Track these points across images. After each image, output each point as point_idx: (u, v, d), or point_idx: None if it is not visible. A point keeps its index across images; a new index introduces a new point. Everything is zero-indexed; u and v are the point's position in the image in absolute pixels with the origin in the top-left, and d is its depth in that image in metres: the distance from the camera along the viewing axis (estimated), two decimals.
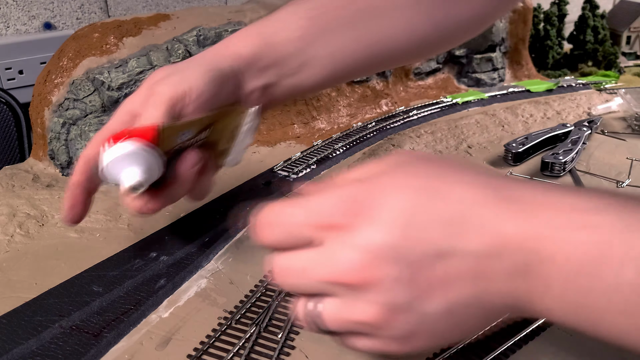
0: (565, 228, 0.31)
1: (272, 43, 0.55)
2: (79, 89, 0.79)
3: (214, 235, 0.63)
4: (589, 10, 1.29)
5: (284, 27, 0.55)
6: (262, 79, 0.56)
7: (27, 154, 1.04)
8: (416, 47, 0.60)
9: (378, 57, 0.59)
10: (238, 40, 0.55)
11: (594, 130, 0.88)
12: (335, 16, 0.56)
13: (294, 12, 0.56)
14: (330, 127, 0.95)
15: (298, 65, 0.56)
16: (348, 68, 0.59)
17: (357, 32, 0.56)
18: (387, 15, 0.56)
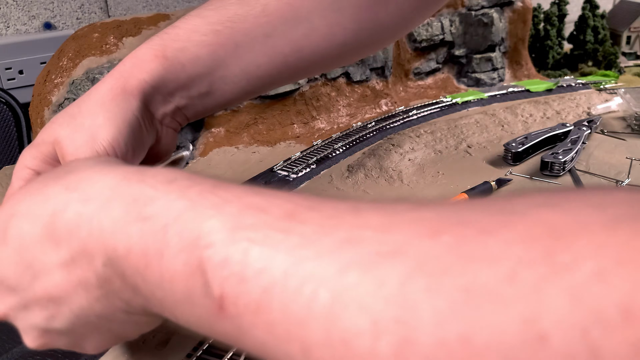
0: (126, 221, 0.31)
1: (180, 62, 0.49)
2: (79, 89, 0.79)
3: None
4: (589, 10, 1.29)
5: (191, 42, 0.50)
6: (171, 103, 0.51)
7: None
8: (337, 54, 0.57)
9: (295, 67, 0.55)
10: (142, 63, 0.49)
11: (593, 130, 0.88)
12: (248, 27, 0.50)
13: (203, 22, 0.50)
14: (330, 127, 0.95)
15: (208, 85, 0.52)
16: (263, 82, 0.55)
17: (272, 43, 0.51)
18: (306, 22, 0.52)
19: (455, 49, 1.13)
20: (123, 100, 0.47)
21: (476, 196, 0.70)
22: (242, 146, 0.88)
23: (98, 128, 0.45)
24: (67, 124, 0.46)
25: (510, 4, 1.13)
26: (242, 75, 0.52)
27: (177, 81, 0.50)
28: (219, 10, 0.51)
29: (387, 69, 1.02)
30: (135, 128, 0.47)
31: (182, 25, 0.50)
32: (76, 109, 0.47)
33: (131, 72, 0.48)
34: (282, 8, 0.51)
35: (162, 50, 0.49)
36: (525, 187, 0.74)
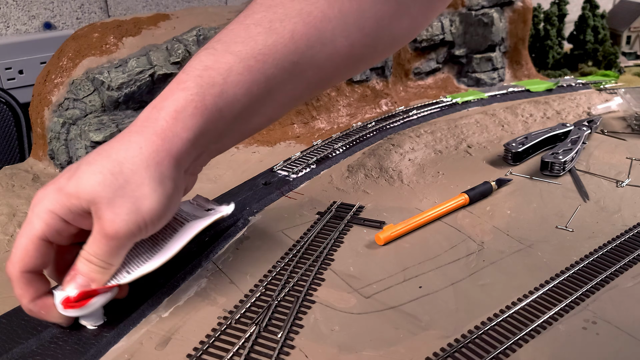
0: None
1: (219, 110, 0.48)
2: (79, 88, 0.79)
3: (214, 235, 0.63)
4: (589, 10, 1.29)
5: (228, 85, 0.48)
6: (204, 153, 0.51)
7: (27, 154, 1.04)
8: (353, 68, 0.57)
9: (315, 85, 0.55)
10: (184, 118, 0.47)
11: (593, 130, 0.88)
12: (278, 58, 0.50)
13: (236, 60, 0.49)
14: (330, 127, 0.95)
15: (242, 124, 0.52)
16: (285, 107, 0.55)
17: (299, 69, 0.51)
18: (331, 44, 0.51)
19: (456, 48, 1.13)
20: (168, 168, 0.47)
21: (476, 196, 0.70)
22: (242, 146, 0.87)
23: (143, 199, 0.46)
24: (108, 184, 0.45)
25: (510, 4, 1.13)
26: (270, 104, 0.52)
27: (215, 130, 0.49)
28: (247, 43, 0.49)
29: (387, 69, 1.02)
30: (174, 197, 0.48)
31: (214, 66, 0.49)
32: (117, 168, 0.46)
33: (175, 131, 0.47)
34: (309, 32, 0.50)
35: (202, 99, 0.47)
36: (526, 187, 0.74)
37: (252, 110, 0.51)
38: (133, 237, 0.47)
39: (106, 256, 0.47)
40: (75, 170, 0.47)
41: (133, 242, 0.48)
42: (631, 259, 0.58)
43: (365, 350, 0.47)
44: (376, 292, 0.55)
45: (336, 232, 0.64)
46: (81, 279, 0.47)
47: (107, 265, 0.47)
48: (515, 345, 0.47)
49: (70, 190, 0.45)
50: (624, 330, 0.48)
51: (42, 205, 0.46)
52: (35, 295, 0.47)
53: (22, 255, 0.46)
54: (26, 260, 0.46)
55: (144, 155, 0.46)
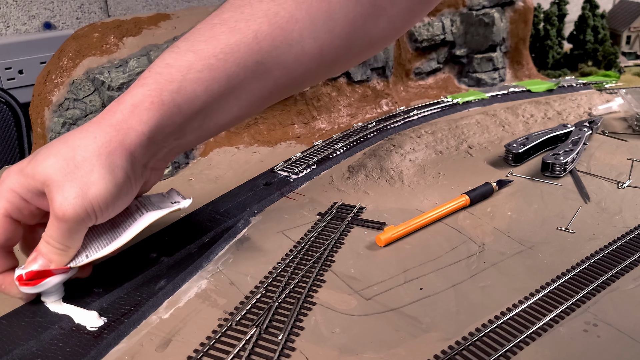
0: None
1: (176, 105, 0.49)
2: (79, 88, 0.79)
3: (214, 236, 0.63)
4: (589, 10, 1.29)
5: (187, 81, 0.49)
6: (164, 148, 0.52)
7: (27, 154, 1.04)
8: (326, 71, 0.57)
9: (285, 87, 0.55)
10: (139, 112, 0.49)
11: (594, 131, 0.88)
12: (240, 57, 0.50)
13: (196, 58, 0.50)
14: (331, 127, 0.95)
15: (202, 120, 0.52)
16: (253, 106, 0.55)
17: (264, 69, 0.51)
18: (298, 45, 0.51)
19: (456, 48, 1.13)
20: (119, 157, 0.48)
21: (477, 197, 0.70)
22: (242, 146, 0.87)
23: (90, 185, 0.47)
24: (59, 169, 0.47)
25: (511, 4, 1.13)
26: (235, 102, 0.52)
27: (173, 125, 0.50)
28: (210, 41, 0.50)
29: (387, 68, 1.02)
30: (124, 186, 0.49)
31: (175, 63, 0.50)
32: (71, 153, 0.48)
33: (130, 123, 0.49)
34: (274, 33, 0.50)
35: (159, 95, 0.49)
36: (527, 188, 0.74)
37: (214, 108, 0.52)
38: (82, 222, 0.48)
39: (61, 238, 0.49)
40: (36, 154, 0.49)
41: (84, 226, 0.49)
42: (632, 260, 0.58)
43: (366, 352, 0.47)
44: (377, 293, 0.55)
45: (337, 233, 0.64)
46: (42, 260, 0.50)
47: (64, 247, 0.49)
48: (516, 347, 0.47)
49: (28, 171, 0.48)
50: (625, 333, 0.48)
51: (5, 185, 0.49)
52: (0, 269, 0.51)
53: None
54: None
55: (97, 144, 0.48)
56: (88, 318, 0.50)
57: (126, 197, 0.51)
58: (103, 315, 0.51)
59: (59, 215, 0.47)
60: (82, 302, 0.52)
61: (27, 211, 0.50)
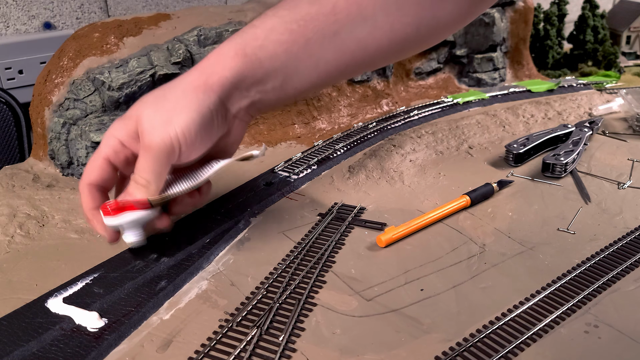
0: None
1: (258, 59, 0.54)
2: (80, 88, 0.79)
3: (214, 237, 0.63)
4: (588, 10, 1.29)
5: (269, 41, 0.54)
6: (247, 98, 0.56)
7: (27, 154, 1.04)
8: (398, 49, 0.59)
9: (361, 61, 0.58)
10: (224, 59, 0.54)
11: (595, 131, 0.88)
12: (318, 25, 0.55)
13: (279, 22, 0.55)
14: (331, 127, 0.95)
15: (282, 79, 0.56)
16: (330, 76, 0.58)
17: (340, 40, 0.55)
18: (371, 20, 0.55)
19: (457, 48, 1.13)
20: (203, 93, 0.53)
21: (478, 198, 0.70)
22: (242, 146, 0.87)
23: (175, 114, 0.52)
24: (151, 103, 0.53)
25: (511, 4, 1.12)
26: (313, 69, 0.56)
27: (254, 77, 0.55)
28: (293, 9, 0.55)
29: (388, 68, 1.02)
30: (207, 120, 0.53)
31: (260, 25, 0.55)
32: (161, 92, 0.54)
33: (214, 68, 0.54)
34: (350, 7, 0.55)
35: (243, 48, 0.54)
36: (527, 189, 0.74)
37: (293, 69, 0.56)
38: (167, 152, 0.52)
39: (147, 172, 0.53)
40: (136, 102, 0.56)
41: (169, 159, 0.53)
42: (633, 261, 0.58)
43: (366, 353, 0.47)
44: (378, 294, 0.54)
45: (337, 234, 0.64)
46: (127, 198, 0.55)
47: (147, 183, 0.54)
48: (517, 349, 0.47)
49: (127, 115, 0.55)
50: (626, 334, 0.48)
51: (108, 132, 0.55)
52: (92, 205, 0.56)
53: (87, 170, 0.56)
54: (90, 174, 0.56)
55: (184, 83, 0.54)
56: (89, 319, 0.50)
57: (209, 134, 0.55)
58: (104, 316, 0.51)
59: (146, 143, 0.52)
60: (83, 303, 0.52)
61: (123, 156, 0.55)
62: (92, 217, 0.56)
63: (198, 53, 0.85)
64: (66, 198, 0.72)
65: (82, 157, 0.77)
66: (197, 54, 0.85)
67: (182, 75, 0.56)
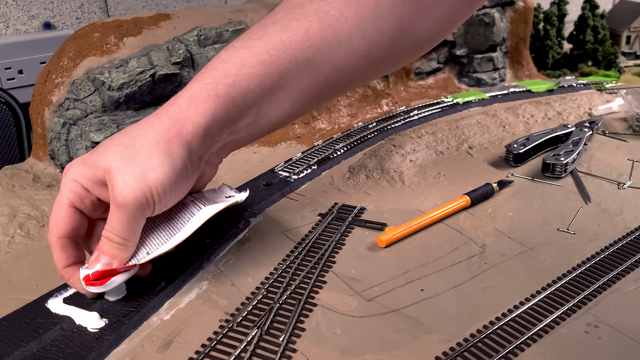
0: None
1: (231, 99, 0.52)
2: (80, 88, 0.79)
3: (215, 237, 0.63)
4: (588, 10, 1.29)
5: (241, 76, 0.52)
6: (220, 142, 0.54)
7: (27, 154, 1.04)
8: (374, 69, 0.58)
9: (336, 85, 0.56)
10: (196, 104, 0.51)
11: (595, 131, 0.88)
12: (292, 54, 0.52)
13: (250, 54, 0.52)
14: (331, 127, 0.95)
15: (255, 115, 0.54)
16: (304, 103, 0.56)
17: (314, 66, 0.53)
18: (347, 43, 0.53)
19: (457, 48, 1.13)
20: (177, 145, 0.50)
21: (478, 198, 0.70)
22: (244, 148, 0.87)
23: (149, 169, 0.49)
24: (120, 156, 0.49)
25: (511, 4, 1.13)
26: (286, 99, 0.54)
27: (228, 118, 0.52)
28: (263, 39, 0.53)
29: None
30: (181, 174, 0.51)
31: (230, 59, 0.52)
32: (130, 142, 0.50)
33: (187, 115, 0.51)
34: (324, 30, 0.52)
35: (215, 88, 0.51)
36: (527, 189, 0.74)
37: (266, 103, 0.54)
38: (141, 207, 0.49)
39: (121, 229, 0.50)
40: (98, 146, 0.52)
41: (143, 214, 0.50)
42: (633, 262, 0.58)
43: (367, 354, 0.47)
44: (378, 294, 0.54)
45: (338, 234, 0.64)
46: (104, 259, 0.51)
47: (124, 241, 0.51)
48: (517, 349, 0.47)
49: (90, 161, 0.51)
50: (626, 334, 0.48)
51: (68, 175, 0.51)
52: (67, 262, 0.52)
53: (55, 222, 0.51)
54: (59, 226, 0.51)
55: (156, 132, 0.50)
56: (89, 319, 0.50)
57: (183, 185, 0.52)
58: (104, 317, 0.51)
59: (118, 201, 0.49)
60: (83, 303, 0.52)
61: (89, 201, 0.52)
62: (68, 277, 0.52)
63: (198, 53, 0.85)
64: None
65: None
66: (197, 54, 0.85)
67: (151, 118, 0.52)
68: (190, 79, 0.84)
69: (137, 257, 0.52)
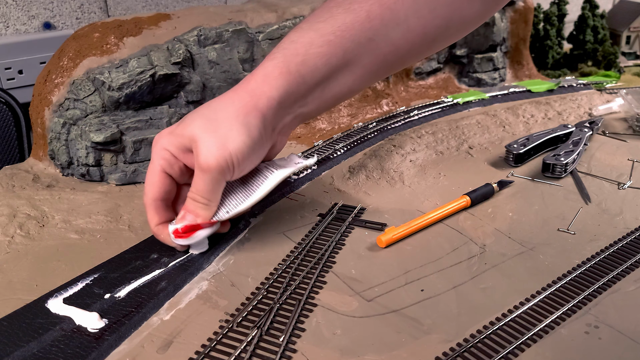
0: None
1: (301, 75, 0.56)
2: (80, 89, 0.79)
3: (215, 237, 0.63)
4: (588, 10, 1.29)
5: (309, 55, 0.56)
6: (291, 114, 0.59)
7: (26, 154, 1.04)
8: (427, 48, 0.62)
9: (392, 63, 0.61)
10: (270, 80, 0.56)
11: (595, 131, 0.88)
12: (355, 34, 0.57)
13: (317, 35, 0.57)
14: (331, 127, 0.95)
15: (322, 90, 0.59)
16: (364, 79, 0.61)
17: (374, 45, 0.58)
18: (404, 24, 0.57)
19: (457, 48, 1.13)
20: (254, 117, 0.55)
21: (478, 198, 0.70)
22: None
23: (230, 139, 0.54)
24: (204, 127, 0.55)
25: (512, 4, 1.12)
26: (350, 75, 0.59)
27: (298, 92, 0.58)
28: (328, 21, 0.57)
29: None
30: (258, 142, 0.56)
31: (299, 40, 0.58)
32: (213, 115, 0.56)
33: (262, 90, 0.56)
34: (384, 13, 0.57)
35: (287, 66, 0.56)
36: (527, 189, 0.74)
37: (332, 79, 0.59)
38: (222, 172, 0.55)
39: (204, 191, 0.56)
40: (184, 118, 0.57)
41: (223, 178, 0.55)
42: (633, 262, 0.58)
43: (367, 354, 0.47)
44: (378, 295, 0.54)
45: (338, 234, 0.64)
46: (190, 217, 0.57)
47: (206, 201, 0.56)
48: (518, 349, 0.47)
49: (178, 132, 0.56)
50: (626, 334, 0.48)
51: (158, 145, 0.57)
52: (159, 221, 0.59)
53: (148, 187, 0.58)
54: (153, 190, 0.58)
55: (235, 106, 0.56)
56: (89, 319, 0.50)
57: (258, 153, 0.58)
58: (104, 317, 0.51)
59: (203, 166, 0.54)
60: (83, 304, 0.52)
61: (177, 167, 0.58)
62: (159, 232, 0.59)
63: (198, 53, 0.85)
64: (66, 198, 0.72)
65: (82, 157, 0.77)
66: (197, 54, 0.85)
67: (230, 93, 0.57)
68: (190, 79, 0.84)
69: (218, 215, 0.58)
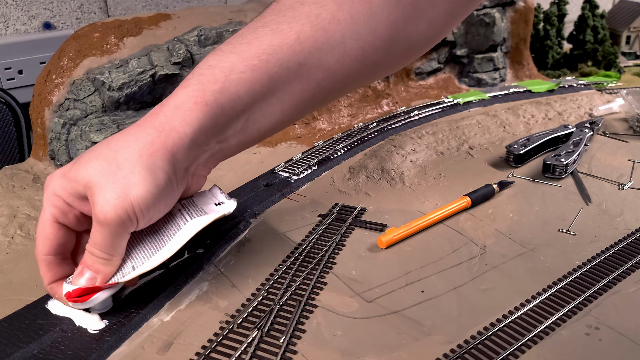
0: None
1: (219, 106, 0.49)
2: (80, 89, 0.79)
3: (215, 238, 0.63)
4: (588, 10, 1.29)
5: (228, 81, 0.49)
6: (208, 151, 0.52)
7: (26, 154, 1.04)
8: (368, 73, 0.56)
9: (328, 90, 0.54)
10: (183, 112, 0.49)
11: (595, 132, 0.88)
12: (282, 58, 0.50)
13: (239, 59, 0.50)
14: (331, 128, 0.95)
15: (244, 122, 0.52)
16: (296, 109, 0.54)
17: (306, 70, 0.51)
18: (340, 46, 0.51)
19: (457, 48, 1.13)
20: (161, 159, 0.48)
21: (478, 199, 0.70)
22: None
23: (131, 186, 0.47)
24: (101, 171, 0.47)
25: (512, 4, 1.12)
26: (277, 105, 0.52)
27: (216, 126, 0.50)
28: (252, 43, 0.50)
29: None
30: (165, 189, 0.49)
31: (217, 64, 0.50)
32: (112, 155, 0.48)
33: (172, 125, 0.48)
34: (316, 34, 0.50)
35: (202, 96, 0.49)
36: (528, 190, 0.74)
37: (257, 109, 0.51)
38: (123, 225, 0.47)
39: (104, 245, 0.48)
40: (79, 158, 0.49)
41: (126, 230, 0.48)
42: (634, 263, 0.57)
43: (367, 355, 0.47)
44: (378, 296, 0.54)
45: (338, 235, 0.64)
46: (88, 273, 0.49)
47: (107, 256, 0.49)
48: (518, 351, 0.47)
49: (70, 175, 0.48)
50: (627, 336, 0.48)
51: (49, 190, 0.49)
52: (52, 278, 0.50)
53: (39, 239, 0.50)
54: (43, 244, 0.50)
55: (139, 145, 0.48)
56: (89, 320, 0.50)
57: (167, 200, 0.50)
58: (104, 318, 0.51)
59: (100, 218, 0.47)
60: None
61: (72, 215, 0.50)
62: (53, 292, 0.51)
63: (198, 53, 0.85)
64: None
65: None
66: (197, 54, 0.85)
67: (134, 129, 0.49)
68: None
69: (122, 272, 0.50)
